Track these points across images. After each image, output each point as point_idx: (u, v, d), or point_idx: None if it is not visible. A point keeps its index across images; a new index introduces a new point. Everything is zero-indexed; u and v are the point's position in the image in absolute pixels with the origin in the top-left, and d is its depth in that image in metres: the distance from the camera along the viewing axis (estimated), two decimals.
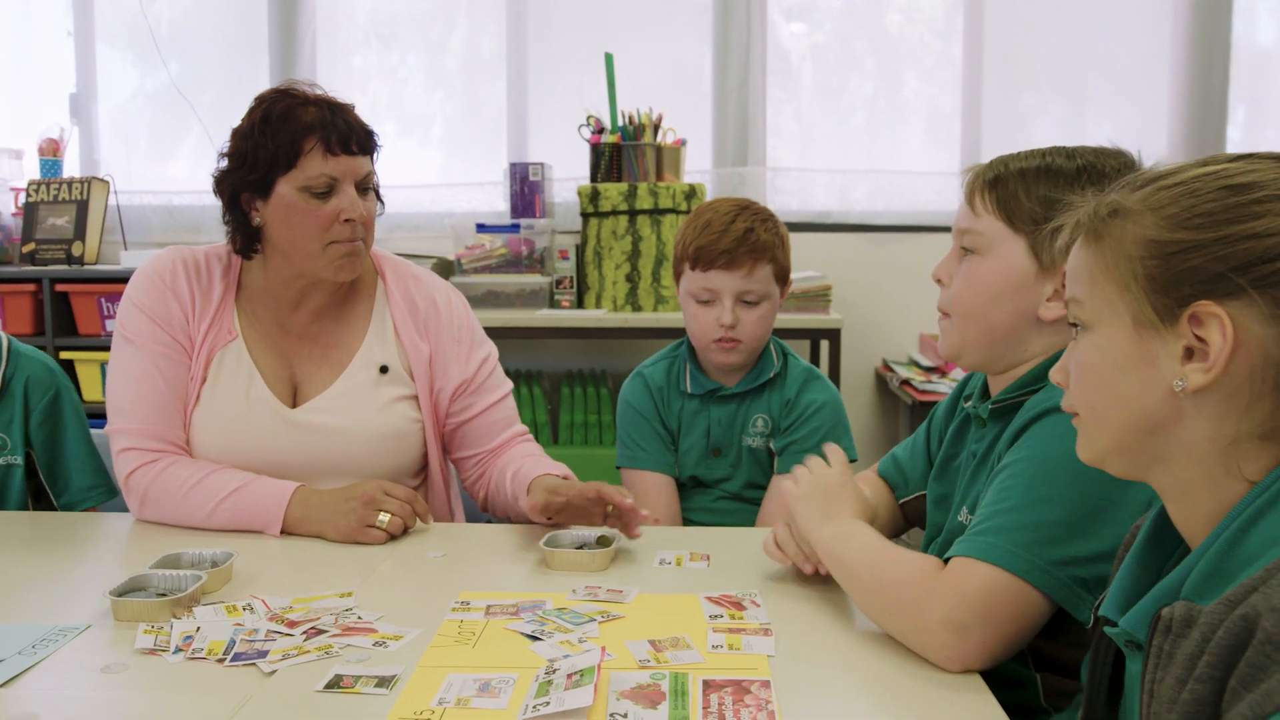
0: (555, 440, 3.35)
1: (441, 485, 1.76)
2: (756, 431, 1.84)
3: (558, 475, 1.58)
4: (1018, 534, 1.07)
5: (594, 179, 3.26)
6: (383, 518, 1.49)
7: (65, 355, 3.25)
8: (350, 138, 1.59)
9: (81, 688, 1.04)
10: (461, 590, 1.29)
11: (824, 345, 3.20)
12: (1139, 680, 0.77)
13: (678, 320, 2.94)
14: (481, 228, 3.34)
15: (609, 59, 3.22)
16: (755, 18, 3.48)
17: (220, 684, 1.04)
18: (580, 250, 3.27)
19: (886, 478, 1.50)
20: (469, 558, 1.45)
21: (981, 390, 1.29)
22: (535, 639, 1.13)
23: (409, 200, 3.57)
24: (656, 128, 3.25)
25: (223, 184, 1.62)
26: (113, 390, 1.64)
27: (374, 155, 1.65)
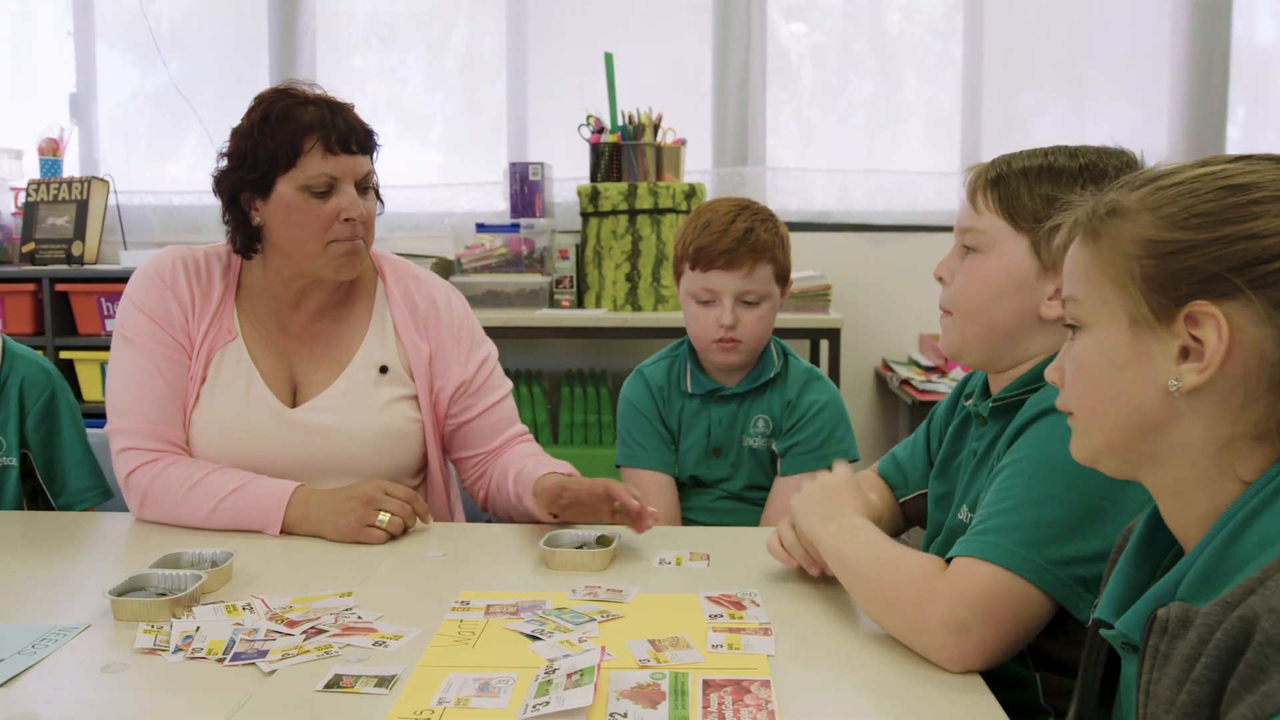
0: (555, 440, 3.35)
1: (441, 485, 1.76)
2: (758, 432, 1.84)
3: (562, 473, 1.58)
4: (1019, 533, 1.07)
5: (594, 179, 3.25)
6: (382, 517, 1.49)
7: (65, 355, 3.25)
8: (350, 137, 1.59)
9: (81, 687, 1.04)
10: (461, 590, 1.29)
11: (824, 345, 3.20)
12: (1134, 682, 0.77)
13: (678, 320, 2.94)
14: (481, 227, 3.34)
15: (609, 59, 3.22)
16: (755, 17, 3.48)
17: (220, 684, 1.04)
18: (580, 250, 3.27)
19: (886, 477, 1.50)
20: (469, 557, 1.45)
21: (982, 388, 1.29)
22: (535, 639, 1.13)
23: (409, 200, 3.57)
24: (656, 127, 3.25)
25: (222, 183, 1.62)
26: (112, 390, 1.64)
27: (374, 155, 1.65)
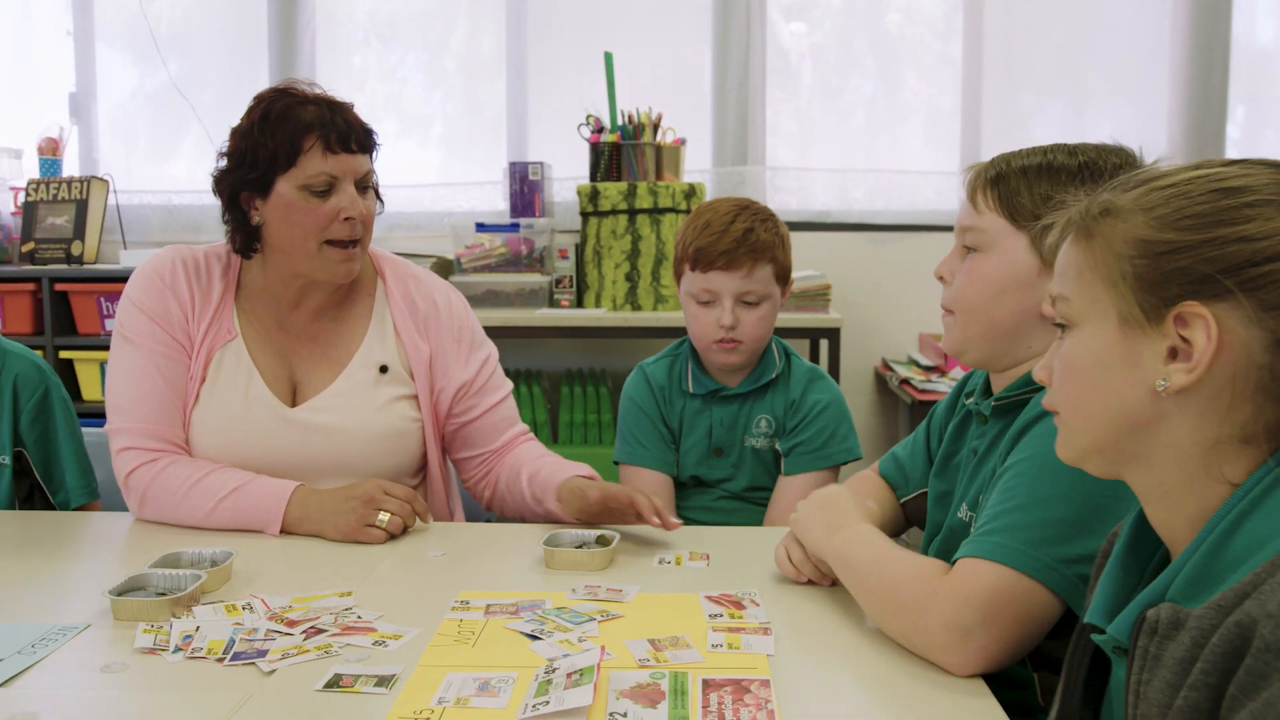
0: (555, 439, 3.34)
1: (441, 485, 1.76)
2: (760, 432, 1.84)
3: (582, 476, 1.60)
4: (1024, 533, 1.06)
5: (593, 178, 3.25)
6: (382, 517, 1.49)
7: (65, 355, 3.25)
8: (350, 136, 1.59)
9: (81, 687, 1.04)
10: (461, 589, 1.29)
11: (823, 344, 3.20)
12: (1124, 685, 0.77)
13: (677, 320, 2.94)
14: (481, 227, 3.34)
15: (608, 58, 3.22)
16: (755, 17, 3.48)
17: (220, 683, 1.04)
18: (580, 249, 3.27)
19: (887, 477, 1.50)
20: (468, 557, 1.45)
21: (983, 387, 1.29)
22: (535, 638, 1.13)
23: (408, 200, 3.57)
24: (656, 127, 3.25)
25: (222, 183, 1.62)
26: (112, 389, 1.64)
27: (373, 154, 1.65)
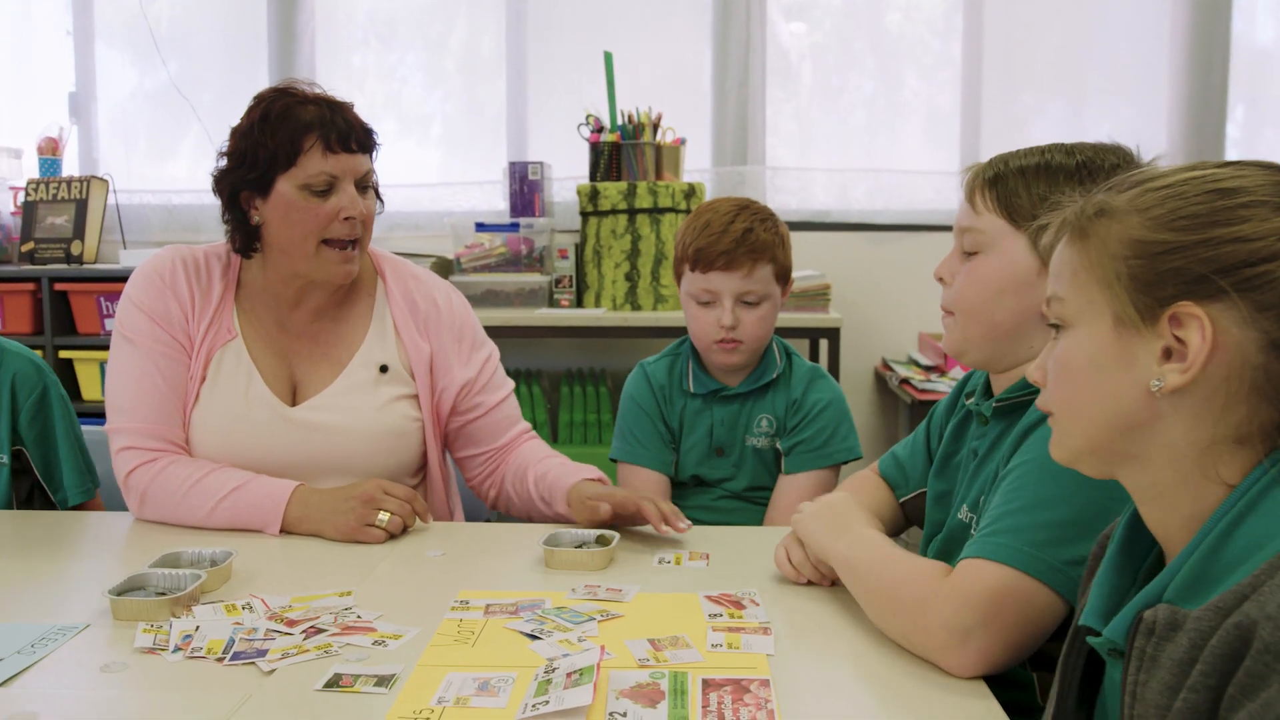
0: (555, 439, 3.34)
1: (441, 484, 1.76)
2: (761, 431, 1.84)
3: (591, 479, 1.60)
4: (1028, 534, 1.06)
5: (593, 178, 3.25)
6: (382, 517, 1.49)
7: (64, 354, 3.25)
8: (350, 136, 1.59)
9: (81, 687, 1.04)
10: (461, 589, 1.29)
11: (823, 344, 3.20)
12: (1120, 685, 0.77)
13: (677, 319, 2.94)
14: (481, 227, 3.33)
15: (608, 58, 3.22)
16: (755, 17, 3.48)
17: (219, 683, 1.04)
18: (579, 249, 3.26)
19: (887, 477, 1.50)
20: (468, 557, 1.45)
21: (984, 388, 1.29)
22: (534, 638, 1.13)
23: (408, 199, 3.56)
24: (656, 127, 3.24)
25: (222, 183, 1.62)
26: (112, 389, 1.64)
27: (373, 153, 1.65)
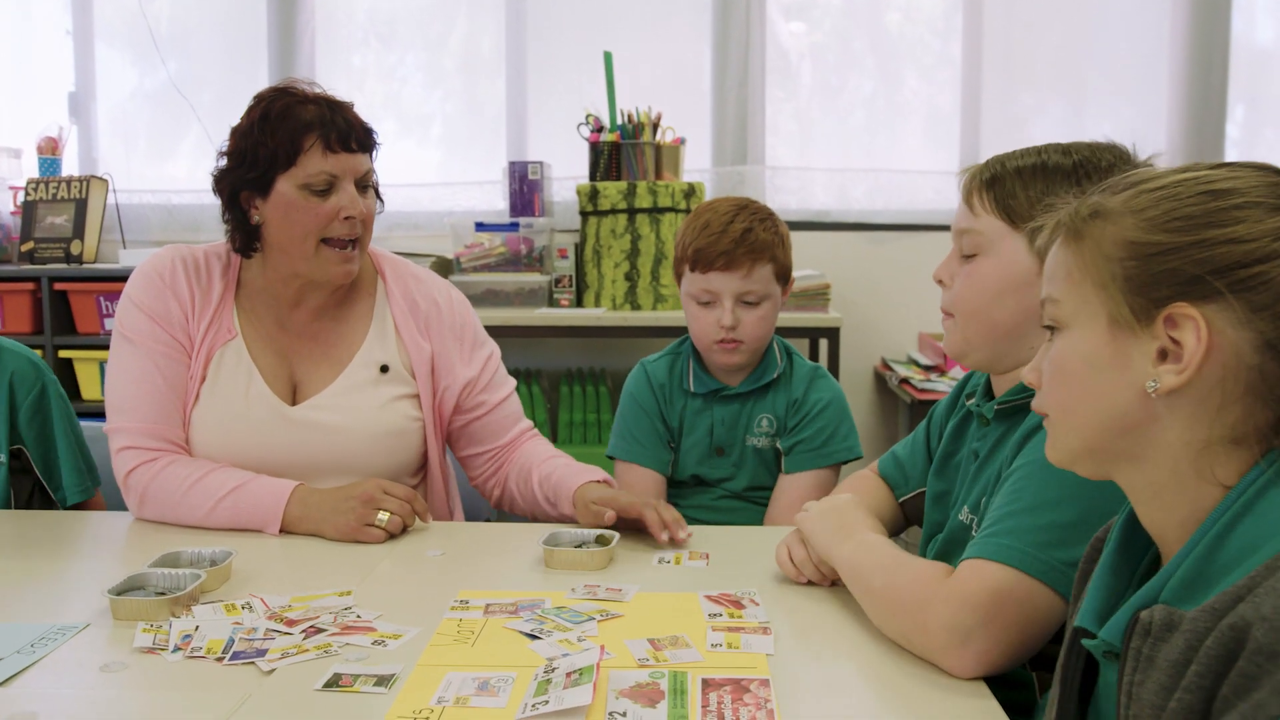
0: (555, 439, 3.34)
1: (441, 484, 1.76)
2: (761, 431, 1.84)
3: (596, 481, 1.61)
4: (1030, 535, 1.06)
5: (593, 178, 3.25)
6: (382, 516, 1.49)
7: (64, 354, 3.25)
8: (350, 135, 1.59)
9: (80, 686, 1.04)
10: (460, 589, 1.29)
11: (823, 344, 3.20)
12: (1114, 686, 0.77)
13: (677, 319, 2.94)
14: (480, 226, 3.33)
15: (608, 58, 3.22)
16: (754, 16, 3.48)
17: (219, 683, 1.04)
18: (579, 249, 3.26)
19: (887, 477, 1.50)
20: (468, 556, 1.45)
21: (985, 389, 1.29)
22: (534, 638, 1.13)
23: (408, 199, 3.56)
24: (655, 126, 3.24)
25: (222, 182, 1.62)
26: (112, 389, 1.63)
27: (373, 153, 1.65)
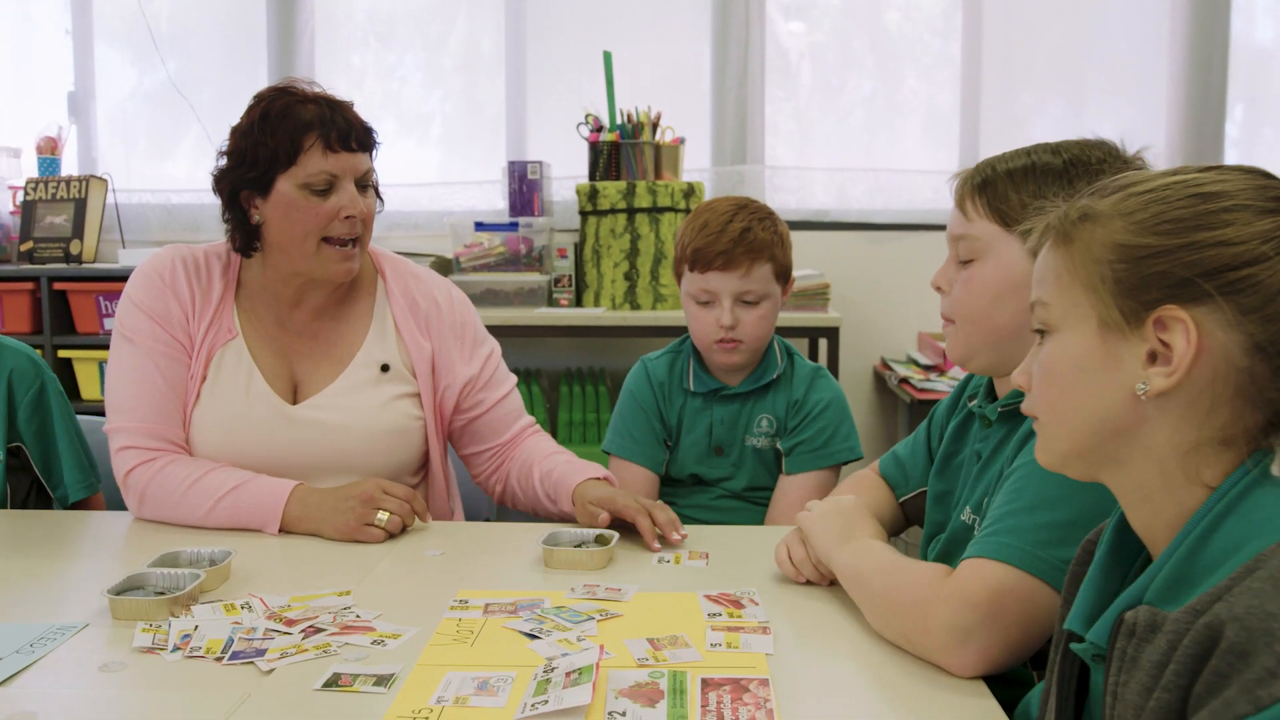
0: (554, 438, 3.33)
1: (442, 483, 1.76)
2: (761, 431, 1.83)
3: (596, 478, 1.61)
4: (1030, 534, 1.06)
5: (592, 177, 3.25)
6: (381, 516, 1.49)
7: (63, 354, 3.25)
8: (350, 134, 1.59)
9: (79, 686, 1.04)
10: (460, 589, 1.29)
11: (822, 343, 3.20)
12: (1103, 690, 0.77)
13: (676, 319, 2.94)
14: (480, 226, 3.33)
15: (607, 57, 3.22)
16: (754, 16, 3.48)
17: (218, 682, 1.04)
18: (579, 248, 3.26)
19: (887, 476, 1.50)
20: (467, 556, 1.45)
21: (987, 390, 1.29)
22: (534, 637, 1.13)
23: (407, 199, 3.56)
24: (655, 126, 3.24)
25: (222, 182, 1.62)
26: (112, 389, 1.63)
27: (373, 152, 1.65)
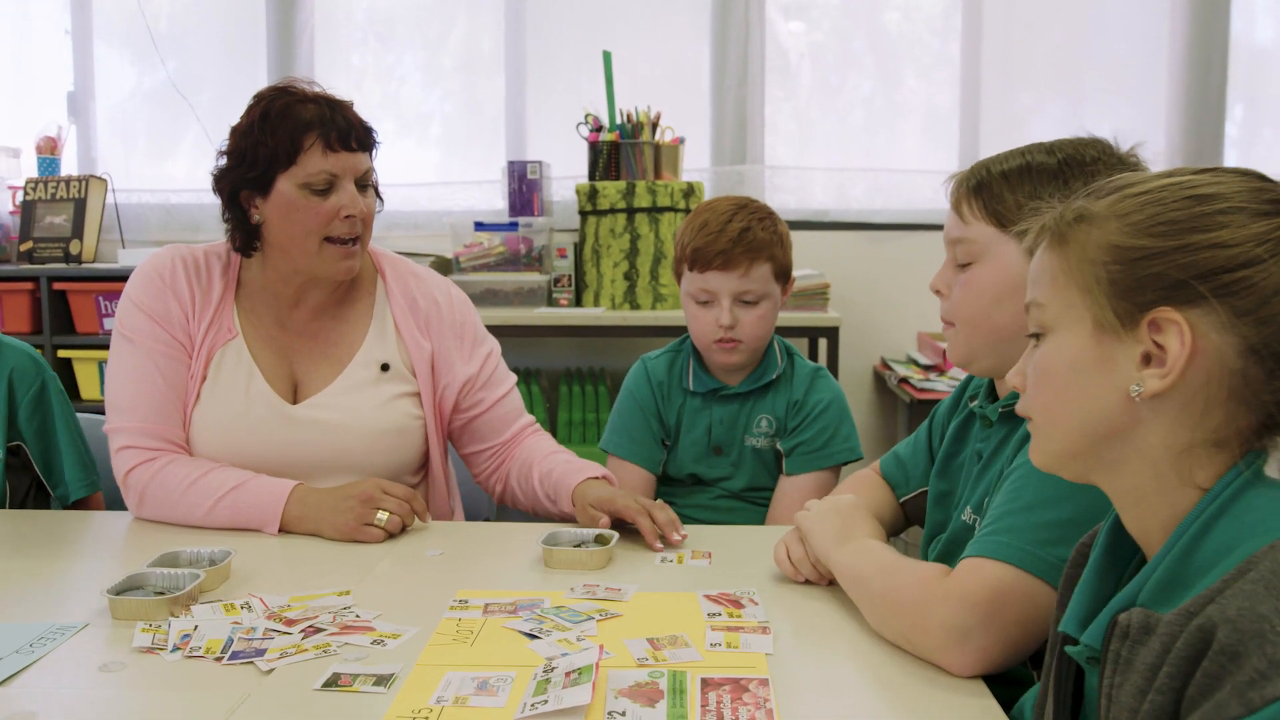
0: (554, 438, 3.34)
1: (442, 482, 1.76)
2: (761, 432, 1.83)
3: (596, 477, 1.61)
4: (1029, 533, 1.06)
5: (592, 177, 3.25)
6: (381, 516, 1.49)
7: (63, 354, 3.25)
8: (350, 134, 1.59)
9: (79, 686, 1.04)
10: (460, 588, 1.29)
11: (822, 343, 3.20)
12: (1098, 692, 0.77)
13: (676, 318, 2.94)
14: (480, 226, 3.33)
15: (607, 57, 3.22)
16: (754, 15, 3.48)
17: (218, 682, 1.04)
18: (578, 248, 3.26)
19: (887, 476, 1.50)
20: (467, 556, 1.45)
21: (988, 390, 1.29)
22: (533, 637, 1.13)
23: (407, 199, 3.56)
24: (655, 126, 3.24)
25: (222, 182, 1.62)
26: (112, 389, 1.63)
27: (373, 152, 1.65)
